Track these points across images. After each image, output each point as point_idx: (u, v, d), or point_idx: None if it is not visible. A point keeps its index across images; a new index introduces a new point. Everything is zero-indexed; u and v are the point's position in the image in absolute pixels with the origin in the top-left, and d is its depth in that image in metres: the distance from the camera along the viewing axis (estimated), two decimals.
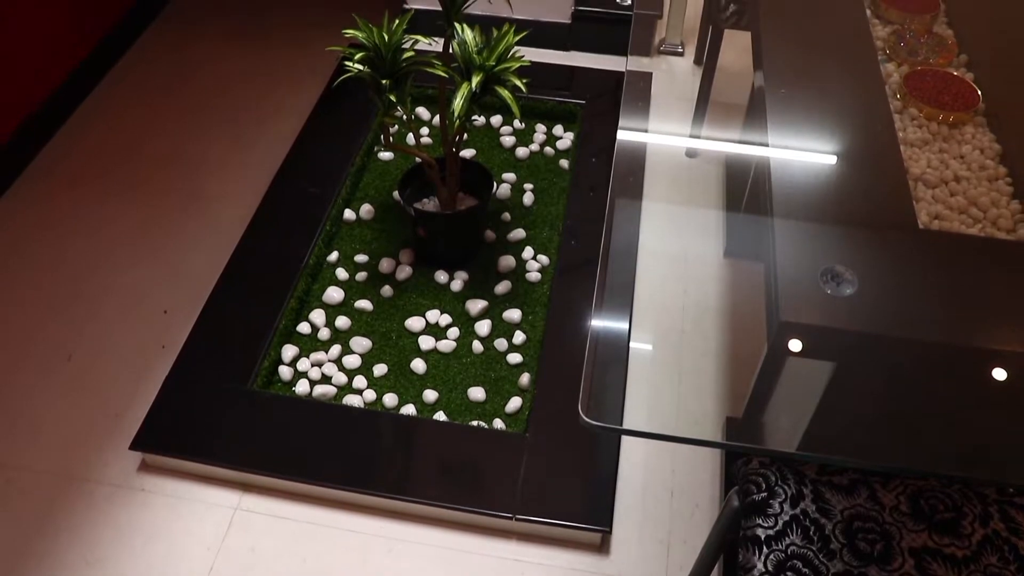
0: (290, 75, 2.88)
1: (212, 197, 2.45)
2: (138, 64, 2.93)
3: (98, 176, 2.50)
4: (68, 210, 2.40)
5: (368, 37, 1.80)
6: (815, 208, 1.41)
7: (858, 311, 1.24)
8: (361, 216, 2.32)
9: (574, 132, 2.59)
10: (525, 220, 2.31)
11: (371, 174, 2.45)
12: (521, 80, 1.81)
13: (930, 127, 1.54)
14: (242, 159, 2.57)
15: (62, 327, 2.11)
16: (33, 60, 2.55)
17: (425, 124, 2.63)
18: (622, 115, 1.93)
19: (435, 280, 2.15)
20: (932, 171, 1.46)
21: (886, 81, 1.63)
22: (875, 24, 1.78)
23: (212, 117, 2.72)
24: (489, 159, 2.49)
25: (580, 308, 2.07)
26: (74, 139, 2.62)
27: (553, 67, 2.83)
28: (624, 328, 1.56)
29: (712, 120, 2.56)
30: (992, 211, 1.41)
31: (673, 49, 2.93)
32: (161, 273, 2.24)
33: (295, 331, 2.05)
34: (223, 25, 3.12)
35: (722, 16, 2.32)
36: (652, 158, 2.44)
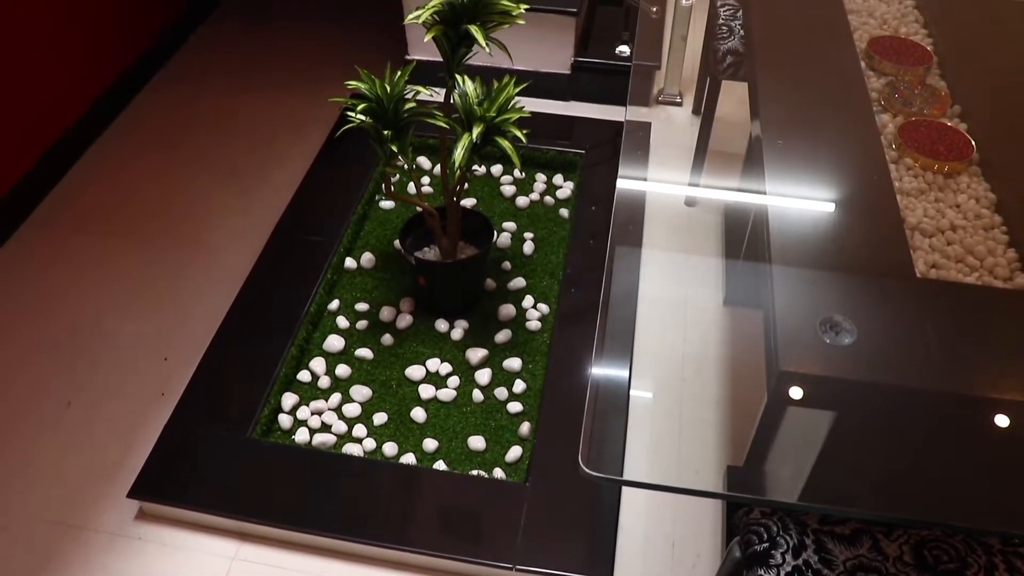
0: (292, 124, 2.92)
1: (214, 246, 2.46)
2: (142, 115, 2.96)
3: (100, 225, 2.52)
4: (70, 259, 2.41)
5: (370, 88, 1.83)
6: (813, 256, 1.42)
7: (857, 360, 1.24)
8: (362, 264, 2.33)
9: (574, 181, 2.61)
10: (525, 269, 2.32)
11: (372, 223, 2.46)
12: (521, 131, 1.83)
13: (925, 177, 1.56)
14: (244, 208, 2.59)
15: (61, 374, 2.11)
16: (38, 111, 2.58)
17: (426, 173, 2.66)
18: (621, 164, 1.95)
19: (435, 329, 2.16)
20: (928, 220, 1.48)
21: (881, 132, 1.65)
22: (869, 76, 1.81)
23: (215, 166, 2.74)
24: (489, 208, 2.51)
25: (580, 357, 2.07)
26: (77, 188, 2.65)
27: (553, 117, 2.86)
28: (624, 376, 1.56)
29: (711, 169, 2.58)
30: (989, 260, 1.42)
31: (672, 99, 2.97)
32: (162, 321, 2.24)
33: (295, 379, 2.05)
34: (227, 76, 3.16)
35: (719, 67, 2.35)
36: (651, 207, 2.46)
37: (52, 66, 2.62)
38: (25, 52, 2.50)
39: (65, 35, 2.66)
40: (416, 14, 1.79)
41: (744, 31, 2.32)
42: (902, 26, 1.98)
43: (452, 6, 1.78)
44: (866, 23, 1.99)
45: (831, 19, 2.00)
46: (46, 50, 2.59)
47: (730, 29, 2.37)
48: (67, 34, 2.67)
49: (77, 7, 2.70)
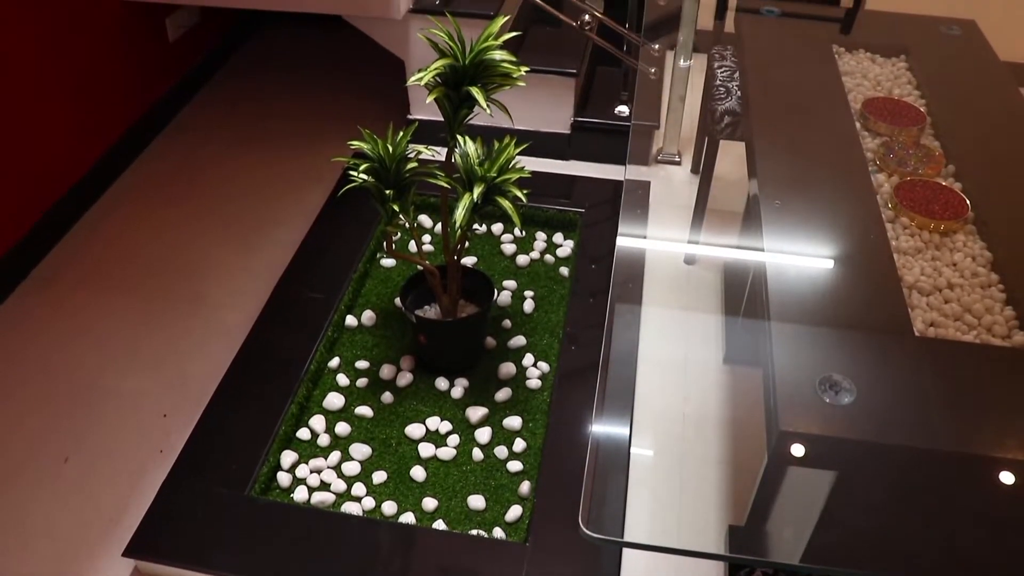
0: (295, 183, 2.95)
1: (215, 302, 2.47)
2: (146, 172, 3.00)
3: (102, 281, 2.53)
4: (71, 315, 2.42)
5: (373, 149, 1.85)
6: (812, 315, 1.43)
7: (857, 420, 1.24)
8: (363, 322, 2.34)
9: (574, 240, 2.63)
10: (526, 327, 2.33)
11: (373, 280, 2.48)
12: (521, 190, 1.85)
13: (922, 236, 1.57)
14: (246, 264, 2.60)
15: (60, 430, 2.10)
16: (42, 169, 2.61)
17: (427, 231, 2.68)
18: (621, 223, 1.97)
19: (436, 387, 2.16)
20: (926, 279, 1.48)
21: (877, 191, 1.67)
22: (864, 136, 1.83)
23: (217, 223, 2.77)
24: (490, 266, 2.52)
25: (581, 415, 2.07)
26: (80, 244, 2.67)
27: (553, 176, 2.89)
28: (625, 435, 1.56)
29: (710, 227, 2.60)
30: (987, 318, 1.43)
31: (670, 158, 3.00)
32: (162, 377, 2.24)
33: (295, 437, 2.04)
34: (230, 134, 3.20)
35: (717, 127, 2.39)
36: (651, 265, 2.47)
37: (57, 125, 2.66)
38: (30, 111, 2.54)
39: (70, 95, 2.71)
40: (418, 76, 1.82)
41: (741, 92, 2.35)
42: (895, 87, 2.01)
43: (454, 68, 1.82)
44: (860, 84, 2.02)
45: (826, 81, 2.04)
46: (51, 110, 2.63)
47: (727, 90, 2.41)
48: (72, 94, 2.71)
49: (83, 68, 2.75)
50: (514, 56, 1.85)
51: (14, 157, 2.48)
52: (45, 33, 2.55)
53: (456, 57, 1.81)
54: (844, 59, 2.14)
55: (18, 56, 2.45)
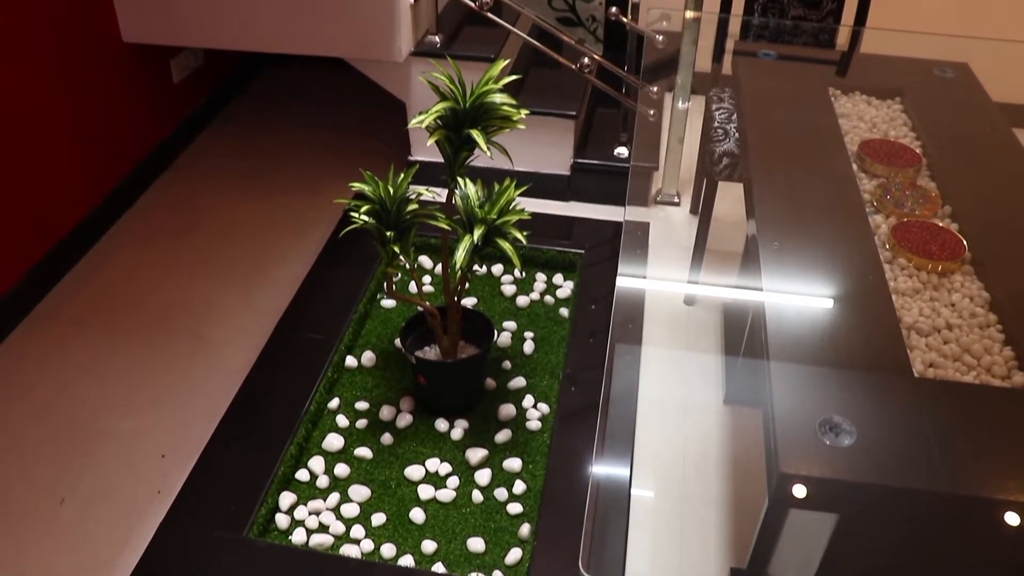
0: (296, 223, 2.96)
1: (215, 342, 2.47)
2: (147, 212, 3.02)
3: (101, 322, 2.54)
4: (70, 354, 2.42)
5: (374, 191, 1.87)
6: (811, 356, 1.43)
7: (858, 462, 1.23)
8: (363, 363, 2.33)
9: (574, 281, 2.64)
10: (525, 368, 2.33)
11: (373, 321, 2.48)
12: (521, 232, 1.86)
13: (920, 276, 1.58)
14: (247, 305, 2.61)
15: (57, 470, 2.09)
16: (44, 210, 2.63)
17: (427, 272, 2.69)
18: (621, 263, 1.98)
19: (435, 428, 2.15)
20: (924, 319, 1.49)
21: (875, 232, 1.68)
22: (861, 177, 1.85)
23: (218, 263, 2.78)
24: (490, 307, 2.53)
25: (581, 456, 2.06)
26: (80, 284, 2.67)
27: (553, 217, 2.91)
28: (625, 476, 1.56)
29: (709, 268, 2.62)
30: (986, 358, 1.43)
31: (670, 199, 3.02)
32: (161, 418, 2.24)
33: (293, 478, 2.03)
34: (232, 174, 3.22)
35: (716, 169, 2.41)
36: (651, 305, 2.48)
37: (61, 165, 2.68)
38: (35, 151, 2.56)
39: (75, 136, 2.73)
40: (419, 119, 1.84)
41: (739, 134, 2.38)
42: (891, 129, 2.03)
43: (455, 111, 1.84)
44: (856, 126, 2.04)
45: (823, 122, 2.06)
46: (56, 150, 2.65)
47: (725, 132, 2.43)
48: (77, 135, 2.74)
49: (87, 109, 2.78)
50: (514, 99, 1.87)
51: (17, 196, 2.50)
52: (50, 74, 2.58)
53: (457, 100, 1.83)
54: (840, 101, 2.16)
55: (23, 96, 2.48)
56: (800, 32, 2.79)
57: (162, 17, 2.85)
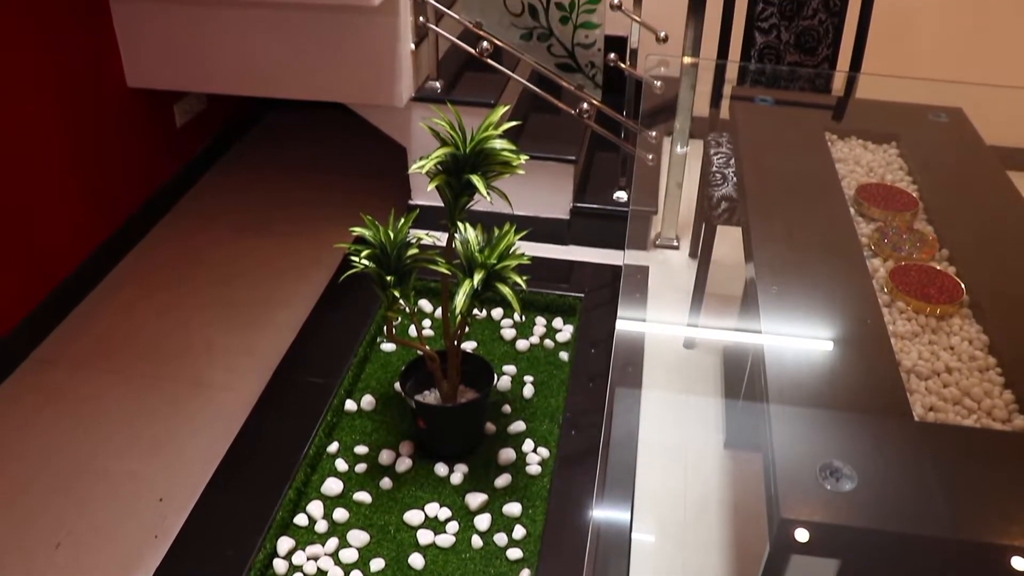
0: (297, 266, 2.97)
1: (215, 385, 2.47)
2: (148, 254, 3.03)
3: (103, 363, 2.54)
4: (69, 396, 2.42)
5: (374, 235, 1.88)
6: (811, 400, 1.43)
7: (859, 507, 1.23)
8: (362, 407, 2.33)
9: (573, 324, 2.64)
10: (525, 412, 2.32)
11: (373, 365, 2.48)
12: (521, 276, 1.87)
13: (918, 320, 1.58)
14: (247, 348, 2.61)
15: (53, 513, 2.08)
16: (47, 251, 2.64)
17: (427, 316, 2.69)
18: (620, 307, 1.99)
19: (435, 473, 2.14)
20: (924, 363, 1.49)
21: (873, 276, 1.69)
22: (859, 221, 1.86)
23: (219, 306, 2.78)
24: (490, 351, 2.53)
25: (581, 501, 2.05)
26: (80, 327, 2.68)
27: (553, 261, 2.92)
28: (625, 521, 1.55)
29: (708, 311, 2.62)
30: (986, 402, 1.42)
31: (669, 243, 3.04)
32: (159, 460, 2.23)
33: (292, 523, 2.02)
34: (233, 217, 3.24)
35: (714, 213, 2.42)
36: (651, 349, 2.48)
37: (64, 207, 2.70)
38: (38, 193, 2.58)
39: (79, 179, 2.75)
40: (420, 164, 1.86)
41: (737, 178, 2.40)
42: (888, 173, 2.05)
43: (455, 157, 1.85)
44: (853, 171, 2.06)
45: (819, 167, 2.07)
46: (59, 192, 2.67)
47: (724, 176, 2.45)
48: (80, 178, 2.76)
49: (91, 153, 2.81)
50: (514, 144, 1.89)
51: (20, 238, 2.51)
52: (56, 117, 2.61)
53: (457, 146, 1.85)
54: (837, 146, 2.18)
55: (28, 139, 2.51)
56: (796, 77, 2.83)
57: (166, 63, 2.88)
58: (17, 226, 2.49)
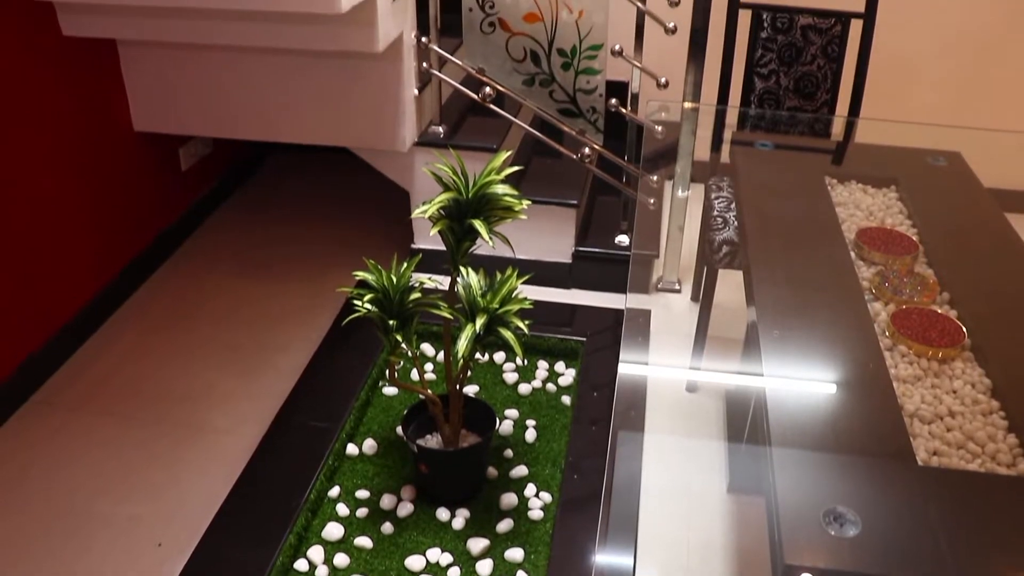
0: (299, 311, 2.98)
1: (216, 429, 2.46)
2: (151, 297, 3.04)
3: (103, 406, 2.53)
4: (69, 439, 2.41)
5: (377, 279, 1.89)
6: (814, 445, 1.43)
7: (863, 552, 1.22)
8: (364, 451, 2.32)
9: (575, 368, 2.64)
10: (527, 456, 2.31)
11: (375, 409, 2.48)
12: (523, 321, 1.88)
13: (920, 363, 1.58)
14: (248, 391, 2.61)
15: (48, 559, 2.06)
16: (48, 294, 2.65)
17: (429, 360, 2.69)
18: (623, 351, 1.98)
19: (437, 517, 2.13)
20: (926, 406, 1.49)
21: (874, 319, 1.69)
22: (859, 265, 1.87)
23: (220, 349, 2.78)
24: (492, 395, 2.53)
25: (583, 546, 2.03)
26: (81, 370, 2.68)
27: (555, 305, 2.92)
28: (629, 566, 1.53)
29: (710, 354, 2.62)
30: (990, 446, 1.42)
31: (670, 287, 3.04)
32: (158, 505, 2.21)
33: (292, 568, 2.00)
34: (236, 260, 3.26)
35: (716, 257, 2.43)
36: (653, 392, 2.48)
37: (68, 250, 2.71)
38: (43, 236, 2.59)
39: (83, 222, 2.77)
40: (423, 209, 1.87)
41: (738, 222, 2.41)
42: (888, 217, 2.06)
43: (457, 202, 1.87)
44: (853, 215, 2.07)
45: (820, 211, 2.09)
46: (63, 235, 2.68)
47: (725, 220, 2.46)
48: (85, 221, 2.78)
49: (96, 196, 2.83)
50: (516, 189, 1.91)
51: (23, 281, 2.52)
52: (62, 160, 2.64)
53: (459, 191, 1.86)
54: (836, 190, 2.20)
55: (33, 181, 2.53)
56: (796, 122, 2.86)
57: (173, 107, 2.92)
58: (21, 268, 2.50)
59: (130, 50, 2.84)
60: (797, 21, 2.76)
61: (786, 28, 2.77)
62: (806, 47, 2.78)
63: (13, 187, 2.45)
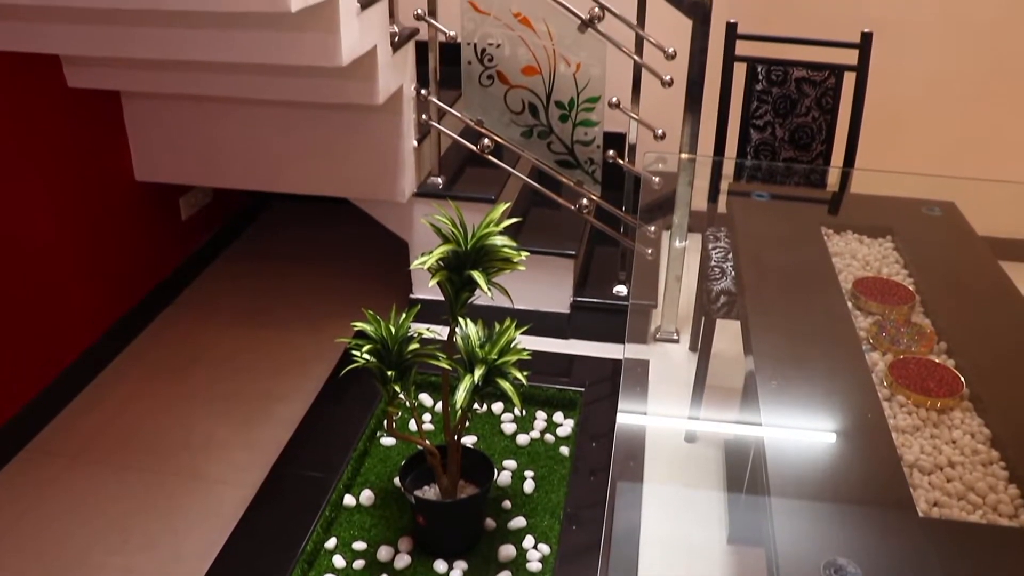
0: (298, 359, 2.98)
1: (213, 478, 2.45)
2: (149, 346, 3.03)
3: (98, 456, 2.52)
4: (64, 489, 2.39)
5: (376, 330, 1.89)
6: (813, 496, 1.42)
7: None
8: (361, 502, 2.31)
9: (574, 418, 2.63)
10: (526, 508, 2.29)
11: (373, 459, 2.46)
12: (522, 372, 1.88)
13: (919, 413, 1.58)
14: (246, 441, 2.59)
15: None
16: (49, 339, 2.65)
17: (428, 410, 2.68)
18: (621, 401, 1.98)
19: (434, 570, 2.10)
20: (926, 457, 1.48)
21: (872, 369, 1.69)
22: (856, 315, 1.87)
23: (218, 399, 2.77)
24: (490, 446, 2.51)
25: None
26: (78, 418, 2.67)
27: (553, 355, 2.92)
28: None
29: (709, 404, 2.61)
30: (991, 496, 1.41)
31: (669, 337, 3.04)
32: (154, 556, 2.19)
33: None
34: (235, 309, 3.26)
35: (713, 307, 2.44)
36: (652, 442, 2.47)
37: (69, 299, 2.72)
38: (44, 284, 2.60)
39: (84, 270, 2.78)
40: (422, 260, 1.88)
41: (735, 272, 2.42)
42: (884, 267, 2.07)
43: (456, 253, 1.88)
44: (850, 265, 2.08)
45: (816, 261, 2.10)
46: (64, 283, 2.69)
47: (722, 271, 2.47)
48: (86, 270, 2.79)
49: (97, 245, 2.84)
50: (514, 240, 1.92)
51: (23, 328, 2.52)
52: (64, 208, 2.66)
53: (458, 242, 1.88)
54: (833, 240, 2.21)
55: (36, 230, 2.55)
56: (792, 173, 2.88)
57: (174, 157, 2.95)
58: (20, 316, 2.51)
59: (133, 101, 2.88)
60: (791, 74, 2.80)
61: (781, 80, 2.81)
62: (801, 99, 2.81)
63: (15, 235, 2.46)
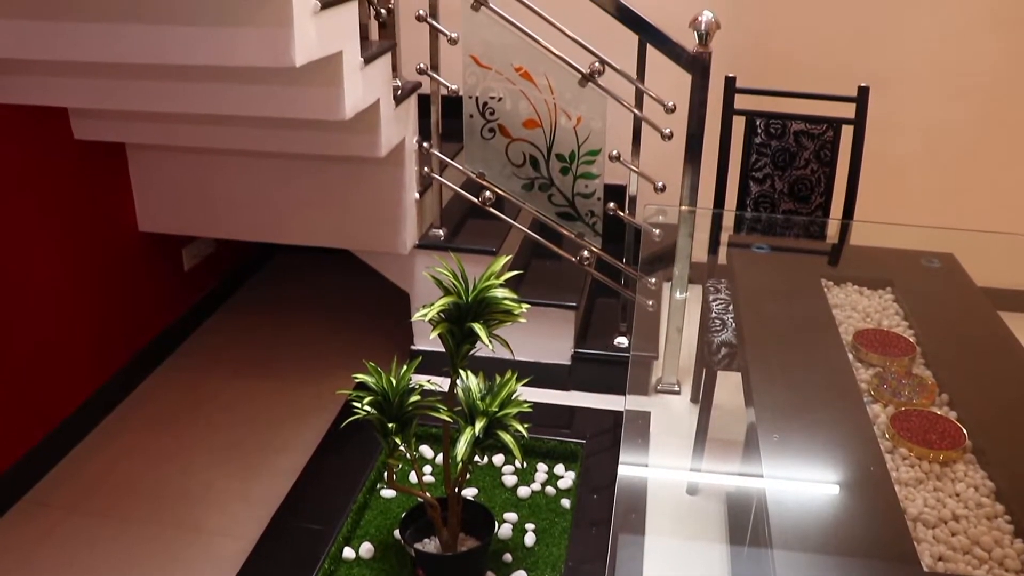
0: (298, 411, 2.97)
1: (211, 530, 2.43)
2: (149, 397, 3.03)
3: (96, 507, 2.50)
4: (61, 540, 2.37)
5: (376, 382, 1.89)
6: (816, 550, 1.41)
7: None
8: (361, 555, 2.28)
9: (575, 470, 2.61)
10: (527, 561, 2.27)
11: (373, 511, 2.44)
12: (523, 424, 1.88)
13: (922, 466, 1.57)
14: (245, 492, 2.57)
15: None
16: (49, 389, 2.65)
17: (428, 462, 2.67)
18: (622, 453, 1.97)
19: None
20: (930, 510, 1.47)
21: (874, 422, 1.69)
22: (857, 367, 1.87)
23: (218, 450, 2.76)
24: (491, 498, 2.50)
25: None
26: (77, 469, 2.65)
27: (554, 407, 2.92)
28: None
29: (711, 456, 2.60)
30: (997, 551, 1.40)
31: (670, 388, 3.04)
32: None
33: None
34: (236, 361, 3.26)
35: (714, 358, 2.44)
36: (653, 495, 2.44)
37: (70, 348, 2.72)
38: (45, 334, 2.60)
39: (85, 321, 2.79)
40: (423, 312, 1.89)
41: (736, 324, 2.42)
42: (884, 319, 2.08)
43: (457, 306, 1.89)
44: (850, 316, 2.09)
45: (817, 313, 2.10)
46: (66, 333, 2.70)
47: (723, 322, 2.48)
48: (87, 320, 2.80)
49: (100, 295, 2.85)
50: (515, 292, 1.93)
51: (23, 378, 2.52)
52: (66, 259, 2.67)
53: (459, 295, 1.88)
54: (833, 292, 2.22)
55: (38, 280, 2.56)
56: (791, 225, 2.90)
57: (177, 208, 2.97)
58: (22, 363, 2.51)
59: (138, 153, 2.91)
60: (790, 127, 2.83)
61: (780, 134, 2.84)
62: (799, 152, 2.84)
63: (18, 283, 2.47)
